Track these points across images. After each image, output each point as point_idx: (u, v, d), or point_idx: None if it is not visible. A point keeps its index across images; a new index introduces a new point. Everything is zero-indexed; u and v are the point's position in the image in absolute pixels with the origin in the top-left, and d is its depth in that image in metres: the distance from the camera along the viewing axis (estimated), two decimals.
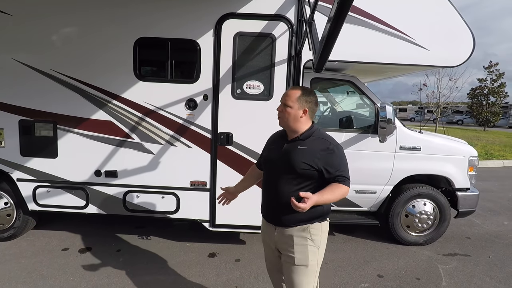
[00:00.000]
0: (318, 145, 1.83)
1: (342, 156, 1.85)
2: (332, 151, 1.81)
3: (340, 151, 1.84)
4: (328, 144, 1.83)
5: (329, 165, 1.79)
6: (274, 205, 1.94)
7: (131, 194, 3.56)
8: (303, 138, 1.87)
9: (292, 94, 1.86)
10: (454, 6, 3.30)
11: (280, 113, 1.91)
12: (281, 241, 1.93)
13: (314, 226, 1.88)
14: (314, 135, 1.88)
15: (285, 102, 1.87)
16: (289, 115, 1.86)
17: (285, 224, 1.89)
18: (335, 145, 1.84)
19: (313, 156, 1.79)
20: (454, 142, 4.17)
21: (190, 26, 3.26)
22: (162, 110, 3.41)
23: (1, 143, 3.49)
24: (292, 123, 1.88)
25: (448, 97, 16.63)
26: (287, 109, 1.86)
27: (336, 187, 1.78)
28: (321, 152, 1.80)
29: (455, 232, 4.48)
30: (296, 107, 1.84)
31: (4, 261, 3.33)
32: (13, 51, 3.35)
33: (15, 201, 3.68)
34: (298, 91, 1.87)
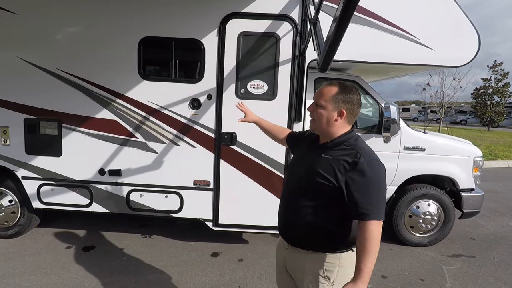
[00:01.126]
0: (345, 156, 1.44)
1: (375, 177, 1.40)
2: (361, 170, 1.39)
3: (373, 169, 1.40)
4: (357, 157, 1.41)
5: (352, 189, 1.39)
6: (287, 219, 1.64)
7: (135, 193, 3.57)
8: (331, 146, 1.51)
9: (326, 91, 1.51)
10: (459, 5, 3.28)
11: (311, 114, 1.57)
12: (291, 263, 1.65)
13: (331, 258, 1.51)
14: (347, 143, 1.49)
15: (316, 101, 1.54)
16: (320, 117, 1.52)
17: (297, 244, 1.60)
18: (368, 162, 1.40)
19: (334, 168, 1.43)
20: (458, 143, 4.14)
21: (194, 26, 3.26)
22: (166, 109, 3.41)
23: (7, 141, 3.52)
24: (325, 127, 1.53)
25: (452, 97, 16.55)
26: (318, 109, 1.52)
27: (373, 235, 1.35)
28: (346, 166, 1.42)
29: (459, 233, 4.45)
30: (330, 107, 1.50)
31: (9, 258, 3.36)
32: (18, 49, 3.37)
33: (19, 199, 3.70)
34: (334, 87, 1.51)
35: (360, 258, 1.37)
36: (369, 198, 1.38)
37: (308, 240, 1.55)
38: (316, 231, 1.52)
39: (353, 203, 1.40)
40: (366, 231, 1.36)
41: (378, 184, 1.41)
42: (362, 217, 1.38)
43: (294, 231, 1.59)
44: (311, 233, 1.52)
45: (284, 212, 1.67)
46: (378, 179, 1.42)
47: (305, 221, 1.52)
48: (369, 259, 1.35)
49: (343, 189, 1.41)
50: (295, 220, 1.57)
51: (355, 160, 1.41)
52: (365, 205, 1.37)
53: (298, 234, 1.58)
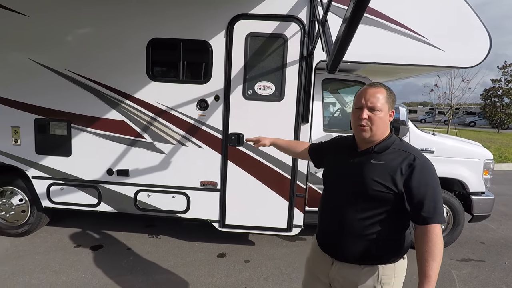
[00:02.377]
0: (398, 159, 1.40)
1: (432, 177, 1.37)
2: (418, 170, 1.36)
3: (428, 169, 1.38)
4: (411, 157, 1.39)
5: (414, 190, 1.35)
6: (335, 233, 1.51)
7: (142, 193, 3.59)
8: (379, 150, 1.45)
9: (380, 94, 1.43)
10: (470, 5, 3.23)
11: (366, 120, 1.43)
12: (339, 282, 1.52)
13: (385, 270, 1.45)
14: (394, 146, 1.45)
15: (374, 106, 1.42)
16: (380, 122, 1.43)
17: (346, 259, 1.49)
18: (423, 163, 1.38)
19: (391, 174, 1.38)
20: (468, 145, 4.08)
21: (202, 27, 3.28)
22: (174, 110, 3.43)
23: (17, 141, 3.57)
24: (381, 132, 1.46)
25: (461, 98, 16.35)
26: (376, 114, 1.42)
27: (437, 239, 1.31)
28: (403, 170, 1.37)
29: (469, 237, 4.38)
30: (386, 109, 1.44)
31: (19, 256, 3.40)
32: (30, 51, 3.42)
33: (29, 198, 3.76)
34: (382, 89, 1.46)
35: (426, 264, 1.30)
36: (431, 202, 1.34)
37: (362, 254, 1.45)
38: (373, 243, 1.43)
39: (416, 208, 1.35)
40: (432, 235, 1.32)
41: (437, 185, 1.38)
42: (427, 221, 1.33)
43: (346, 245, 1.48)
44: (367, 247, 1.43)
45: (330, 226, 1.57)
46: (436, 180, 1.39)
47: (360, 234, 1.43)
48: (436, 264, 1.30)
49: (403, 194, 1.36)
50: (347, 233, 1.46)
51: (411, 163, 1.37)
52: (429, 209, 1.34)
53: (351, 249, 1.47)
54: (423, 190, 1.35)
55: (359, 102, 1.46)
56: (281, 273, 3.28)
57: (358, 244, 1.44)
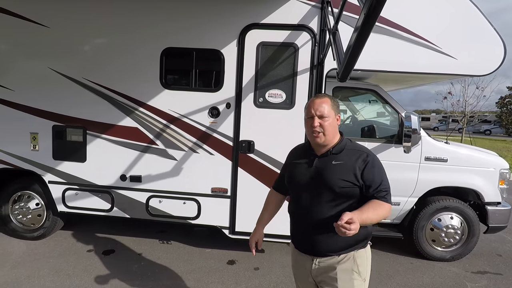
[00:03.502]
0: (354, 157, 1.63)
1: (380, 167, 1.65)
2: (371, 163, 1.62)
3: (377, 162, 1.65)
4: (365, 155, 1.63)
5: (369, 180, 1.59)
6: (310, 232, 1.67)
7: (154, 199, 3.64)
8: (336, 152, 1.65)
9: (325, 102, 1.64)
10: (482, 13, 3.21)
11: (319, 127, 1.62)
12: (321, 274, 1.68)
13: (359, 254, 1.65)
14: (347, 146, 1.67)
15: (322, 114, 1.62)
16: (329, 127, 1.62)
17: (324, 254, 1.65)
18: (372, 156, 1.65)
19: (352, 171, 1.59)
20: (483, 154, 4.00)
21: (214, 37, 3.35)
22: (186, 117, 3.49)
23: (36, 147, 3.69)
24: (333, 136, 1.66)
25: (475, 106, 16.02)
26: (325, 120, 1.62)
27: (378, 205, 1.56)
28: (360, 166, 1.60)
29: (485, 249, 4.27)
30: (333, 115, 1.65)
31: (34, 259, 3.48)
32: (50, 60, 3.56)
33: (45, 202, 3.86)
34: (326, 98, 1.68)
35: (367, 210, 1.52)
36: (385, 181, 1.63)
37: (337, 245, 1.62)
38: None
39: (375, 189, 1.59)
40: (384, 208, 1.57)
41: (384, 171, 1.67)
42: (385, 199, 1.59)
43: (321, 242, 1.64)
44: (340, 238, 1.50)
45: (303, 227, 1.71)
46: (382, 167, 1.67)
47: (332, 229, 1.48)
48: (372, 218, 1.52)
49: (363, 185, 1.59)
50: (320, 231, 1.62)
51: (364, 159, 1.62)
52: (383, 193, 1.59)
53: (326, 244, 1.64)
54: (377, 178, 1.61)
55: (309, 112, 1.66)
56: (291, 281, 3.24)
57: (332, 238, 1.59)
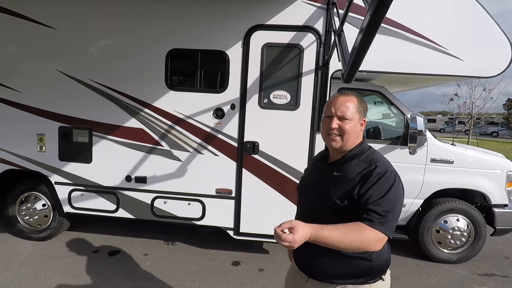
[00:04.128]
0: (359, 169, 1.34)
1: (388, 186, 1.28)
2: (375, 177, 1.29)
3: (388, 181, 1.29)
4: (373, 167, 1.32)
5: (363, 196, 1.28)
6: (308, 249, 1.30)
7: (159, 200, 3.66)
8: (344, 161, 1.40)
9: (349, 102, 1.39)
10: (489, 14, 3.19)
11: (336, 130, 1.39)
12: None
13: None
14: (362, 156, 1.39)
15: (344, 115, 1.37)
16: (351, 130, 1.38)
17: (318, 277, 1.43)
18: (383, 171, 1.30)
19: (348, 186, 1.32)
20: (490, 156, 3.97)
21: (220, 38, 3.36)
22: (191, 118, 3.51)
23: (42, 148, 3.72)
24: (352, 143, 1.41)
25: (482, 108, 15.89)
26: (346, 123, 1.37)
27: (357, 228, 1.22)
28: (360, 179, 1.31)
29: (491, 251, 4.22)
30: (357, 119, 1.40)
31: (41, 260, 3.51)
32: (56, 62, 3.59)
33: (52, 203, 3.89)
34: (353, 97, 1.41)
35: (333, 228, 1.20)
36: (386, 206, 1.25)
37: (334, 272, 1.40)
38: (344, 261, 1.37)
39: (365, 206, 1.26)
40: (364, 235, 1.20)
41: (393, 195, 1.28)
42: (371, 222, 1.23)
43: (317, 263, 1.42)
44: (338, 264, 1.37)
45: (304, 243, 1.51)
46: (394, 194, 1.28)
47: (329, 251, 1.28)
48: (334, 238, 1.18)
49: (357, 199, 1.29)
50: (317, 251, 1.34)
51: (370, 171, 1.31)
52: (378, 210, 1.24)
53: (322, 267, 1.41)
54: (374, 196, 1.26)
55: (329, 110, 1.42)
56: None
57: (329, 262, 1.39)
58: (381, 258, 1.39)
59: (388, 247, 1.44)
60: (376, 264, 1.38)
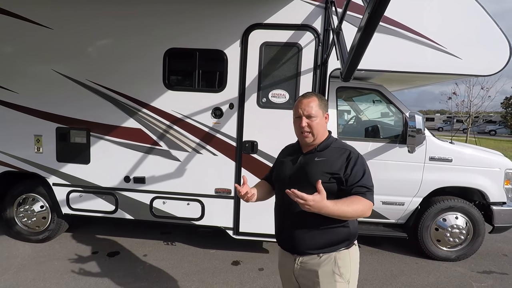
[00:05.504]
0: (337, 154, 1.62)
1: (363, 165, 1.60)
2: (353, 160, 1.59)
3: (361, 160, 1.61)
4: (348, 153, 1.61)
5: (349, 176, 1.56)
6: (290, 228, 1.66)
7: (158, 200, 3.64)
8: (321, 149, 1.66)
9: (312, 102, 1.63)
10: (488, 13, 3.19)
11: (306, 127, 1.63)
12: (303, 276, 1.65)
13: (341, 255, 1.61)
14: (333, 145, 1.67)
15: (310, 114, 1.62)
16: (317, 126, 1.63)
17: (304, 251, 1.63)
18: (356, 154, 1.62)
19: (334, 166, 1.58)
20: (488, 154, 3.98)
21: (218, 37, 3.35)
22: (189, 118, 3.49)
23: (40, 149, 3.70)
24: (322, 135, 1.67)
25: (480, 106, 15.95)
26: (313, 120, 1.62)
27: (355, 200, 1.50)
28: (341, 161, 1.59)
29: (490, 249, 4.24)
30: (321, 114, 1.65)
31: (39, 262, 3.49)
32: (53, 62, 3.57)
33: (50, 204, 3.87)
34: (314, 97, 1.66)
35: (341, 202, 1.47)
36: (367, 178, 1.58)
37: (317, 243, 1.61)
38: (325, 232, 1.59)
39: (354, 184, 1.54)
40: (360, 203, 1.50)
41: (368, 170, 1.62)
42: (364, 195, 1.52)
43: (301, 239, 1.63)
44: (320, 236, 1.59)
45: (284, 224, 1.72)
46: (367, 167, 1.62)
47: (311, 226, 1.59)
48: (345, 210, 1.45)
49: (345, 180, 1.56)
50: (300, 227, 1.62)
51: (348, 156, 1.60)
52: (365, 184, 1.55)
53: (306, 241, 1.62)
54: (358, 176, 1.56)
55: (297, 112, 1.66)
56: None
57: (312, 236, 1.60)
58: (354, 223, 1.66)
59: None
60: (352, 229, 1.65)
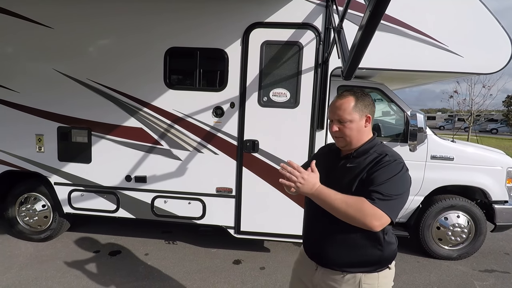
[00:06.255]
0: (371, 158, 1.40)
1: (393, 173, 1.33)
2: (383, 164, 1.35)
3: (395, 168, 1.34)
4: (383, 156, 1.38)
5: (369, 179, 1.34)
6: (317, 238, 1.52)
7: (159, 199, 3.65)
8: (358, 155, 1.45)
9: (346, 104, 1.44)
10: (489, 10, 3.18)
11: (338, 132, 1.46)
12: (323, 285, 1.51)
13: (368, 279, 1.42)
14: (374, 149, 1.44)
15: (341, 118, 1.43)
16: (351, 131, 1.43)
17: (328, 265, 1.48)
18: (391, 160, 1.36)
19: (360, 172, 1.38)
20: (490, 152, 3.96)
21: (218, 36, 3.34)
22: (190, 117, 3.49)
23: (41, 149, 3.71)
24: (357, 140, 1.46)
25: (481, 105, 15.90)
26: (347, 125, 1.43)
27: (358, 201, 1.29)
28: (370, 166, 1.37)
29: (492, 247, 4.23)
30: (357, 118, 1.43)
31: (42, 261, 3.51)
32: (54, 61, 3.57)
33: (52, 204, 3.88)
34: (350, 98, 1.45)
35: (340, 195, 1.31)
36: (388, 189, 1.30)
37: (344, 261, 1.44)
38: (353, 250, 1.43)
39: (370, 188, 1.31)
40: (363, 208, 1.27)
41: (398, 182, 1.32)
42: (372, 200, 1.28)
43: (327, 252, 1.48)
44: (348, 254, 1.43)
45: (312, 231, 1.59)
46: (401, 178, 1.34)
47: (340, 241, 1.43)
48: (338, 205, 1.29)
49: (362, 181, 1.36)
50: (328, 240, 1.47)
51: (380, 159, 1.37)
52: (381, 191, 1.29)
53: (332, 256, 1.46)
54: (378, 180, 1.31)
55: (330, 115, 1.51)
56: None
57: (339, 251, 1.44)
58: (390, 247, 1.46)
59: (395, 238, 1.52)
60: (386, 253, 1.44)
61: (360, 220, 1.28)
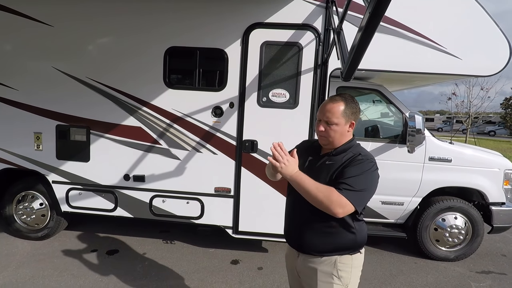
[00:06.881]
0: (347, 157, 1.55)
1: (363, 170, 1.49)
2: (356, 162, 1.50)
3: (365, 166, 1.50)
4: (356, 155, 1.53)
5: (342, 174, 1.50)
6: (296, 227, 1.70)
7: (158, 199, 3.64)
8: (336, 154, 1.60)
9: (335, 108, 1.55)
10: (488, 13, 3.19)
11: (323, 132, 1.60)
12: (304, 272, 1.70)
13: (343, 259, 1.60)
14: (350, 150, 1.60)
15: (328, 120, 1.57)
16: (335, 134, 1.57)
17: (307, 251, 1.65)
18: (364, 160, 1.51)
19: (336, 168, 1.54)
20: (488, 154, 3.98)
21: (218, 36, 3.34)
22: (189, 117, 3.49)
23: (39, 147, 3.70)
24: (338, 141, 1.61)
25: (479, 107, 15.97)
26: (332, 127, 1.56)
27: (328, 189, 1.45)
28: (345, 163, 1.53)
29: (489, 249, 4.25)
30: (343, 122, 1.57)
31: (39, 260, 3.49)
32: (53, 60, 3.56)
33: (49, 202, 3.87)
34: (340, 103, 1.57)
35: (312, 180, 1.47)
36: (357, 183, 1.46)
37: (321, 246, 1.61)
38: (330, 236, 1.60)
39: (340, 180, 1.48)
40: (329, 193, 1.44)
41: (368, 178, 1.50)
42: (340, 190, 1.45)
43: (306, 239, 1.64)
44: (325, 240, 1.60)
45: (293, 220, 1.75)
46: (370, 175, 1.51)
47: (317, 229, 1.60)
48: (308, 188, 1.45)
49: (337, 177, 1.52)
50: (306, 228, 1.64)
51: (354, 157, 1.53)
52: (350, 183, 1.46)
53: (311, 243, 1.63)
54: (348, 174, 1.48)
55: (319, 115, 1.64)
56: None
57: (317, 238, 1.61)
58: (362, 232, 1.64)
59: (365, 226, 1.69)
60: (359, 237, 1.62)
61: (326, 205, 1.44)
